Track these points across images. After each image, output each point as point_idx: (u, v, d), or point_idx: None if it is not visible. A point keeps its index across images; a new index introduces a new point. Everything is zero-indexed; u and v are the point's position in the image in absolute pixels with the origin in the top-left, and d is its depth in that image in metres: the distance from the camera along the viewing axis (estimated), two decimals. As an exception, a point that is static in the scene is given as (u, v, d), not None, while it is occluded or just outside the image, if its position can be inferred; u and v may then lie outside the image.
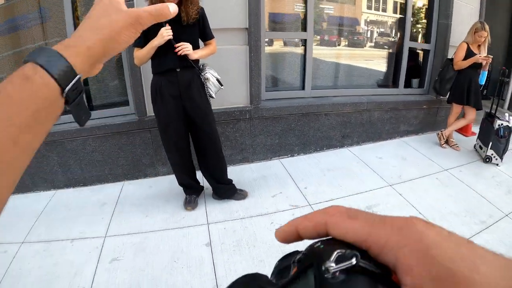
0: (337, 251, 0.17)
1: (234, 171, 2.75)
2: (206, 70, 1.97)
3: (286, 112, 2.95)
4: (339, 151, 3.24)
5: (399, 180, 2.67)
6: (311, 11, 2.96)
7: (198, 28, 1.90)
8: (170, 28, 1.72)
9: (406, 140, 3.53)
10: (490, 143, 2.93)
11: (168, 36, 1.71)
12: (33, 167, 2.50)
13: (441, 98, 3.52)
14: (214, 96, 2.01)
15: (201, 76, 1.95)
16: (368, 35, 3.63)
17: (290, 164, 2.96)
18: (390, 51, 3.68)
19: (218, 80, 2.00)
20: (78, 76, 0.28)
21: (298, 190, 2.51)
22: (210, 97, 2.01)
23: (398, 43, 3.58)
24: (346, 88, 3.41)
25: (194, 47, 1.84)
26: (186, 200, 2.29)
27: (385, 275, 0.17)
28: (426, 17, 3.63)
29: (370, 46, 3.66)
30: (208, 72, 1.96)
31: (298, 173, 2.78)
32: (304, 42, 3.07)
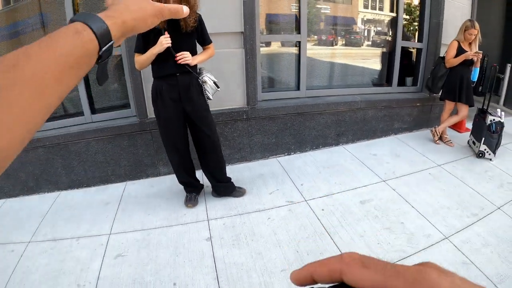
0: None
1: (233, 170, 2.82)
2: (204, 73, 2.06)
3: (282, 112, 3.02)
4: (334, 149, 3.30)
5: (393, 176, 2.74)
6: (305, 13, 3.03)
7: (197, 35, 2.00)
8: (169, 36, 1.82)
9: (400, 137, 3.60)
10: (483, 139, 2.99)
11: (167, 44, 1.81)
12: (37, 170, 2.58)
13: (434, 96, 3.58)
14: (211, 97, 2.10)
15: (199, 79, 2.04)
16: (361, 35, 3.69)
17: (286, 162, 3.04)
18: (384, 50, 3.75)
19: (215, 82, 2.09)
20: (112, 41, 0.35)
21: (295, 186, 2.59)
22: (208, 99, 2.09)
23: (391, 43, 3.66)
24: (341, 87, 3.47)
25: (192, 53, 1.94)
26: (186, 198, 2.37)
27: None
28: (418, 16, 3.70)
29: (364, 46, 3.72)
30: (205, 75, 2.06)
31: (295, 170, 2.86)
32: (298, 44, 3.15)
